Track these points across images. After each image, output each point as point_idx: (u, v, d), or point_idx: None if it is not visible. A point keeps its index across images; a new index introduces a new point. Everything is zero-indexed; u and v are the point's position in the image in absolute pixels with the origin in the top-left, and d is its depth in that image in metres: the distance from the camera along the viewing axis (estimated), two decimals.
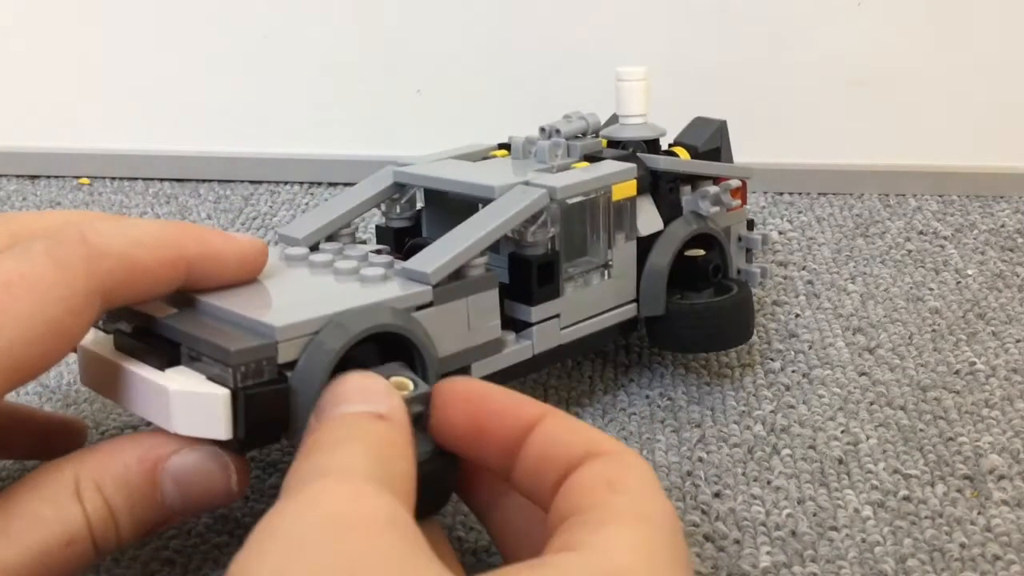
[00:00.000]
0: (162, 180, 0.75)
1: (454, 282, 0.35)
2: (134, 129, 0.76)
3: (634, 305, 0.43)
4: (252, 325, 0.30)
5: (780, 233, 0.64)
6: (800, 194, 0.71)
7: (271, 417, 0.29)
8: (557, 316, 0.39)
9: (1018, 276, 0.57)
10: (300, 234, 0.39)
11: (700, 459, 0.40)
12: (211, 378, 0.29)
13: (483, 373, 0.36)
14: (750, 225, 0.48)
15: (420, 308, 0.33)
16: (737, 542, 0.35)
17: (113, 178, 0.76)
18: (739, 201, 0.46)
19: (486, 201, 0.38)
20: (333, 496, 0.24)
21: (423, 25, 0.73)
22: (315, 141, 0.75)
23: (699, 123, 0.48)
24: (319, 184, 0.75)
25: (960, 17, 0.70)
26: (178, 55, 0.75)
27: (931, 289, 0.56)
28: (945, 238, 0.63)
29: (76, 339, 0.28)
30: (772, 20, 0.71)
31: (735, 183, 0.45)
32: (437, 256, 0.35)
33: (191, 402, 0.29)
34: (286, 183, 0.74)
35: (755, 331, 0.50)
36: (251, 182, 0.75)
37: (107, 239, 0.28)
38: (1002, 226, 0.65)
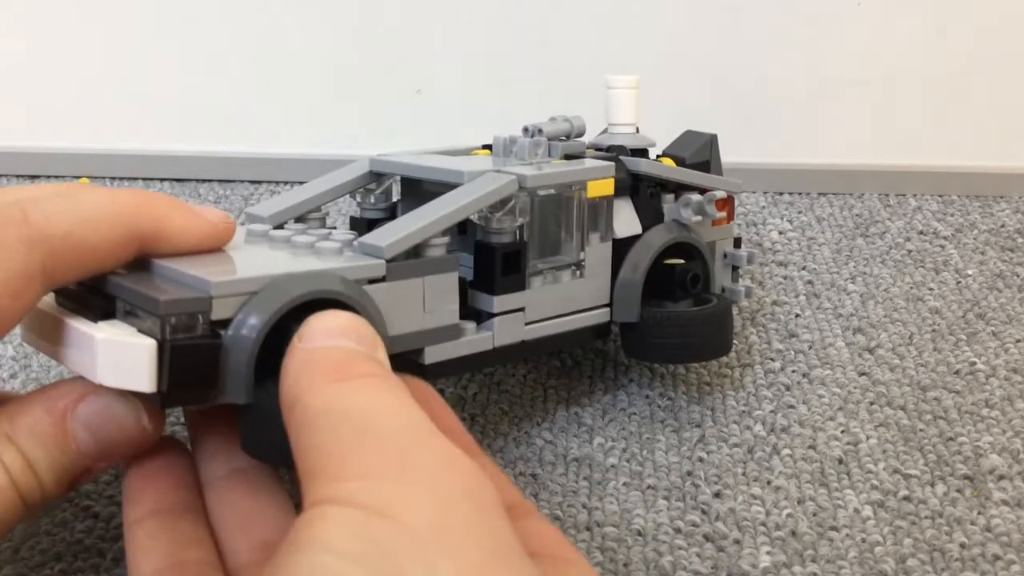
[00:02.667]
0: (162, 180, 0.75)
1: (411, 260, 0.34)
2: (134, 129, 0.76)
3: (607, 310, 0.41)
4: (189, 280, 0.29)
5: (780, 233, 0.64)
6: (800, 194, 0.71)
7: (199, 373, 0.28)
8: (522, 310, 0.38)
9: (1018, 276, 0.57)
10: (266, 213, 0.39)
11: (700, 459, 0.40)
12: (142, 331, 0.28)
13: (438, 359, 0.35)
14: (737, 243, 0.47)
15: (372, 282, 0.32)
16: (737, 542, 0.35)
17: (113, 178, 0.76)
18: (724, 214, 0.45)
19: (456, 187, 0.37)
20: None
21: (423, 25, 0.73)
22: (315, 141, 0.75)
23: (689, 136, 0.47)
24: None
25: (960, 17, 0.70)
26: (178, 55, 0.75)
27: (931, 289, 0.56)
28: (945, 238, 0.63)
29: (13, 321, 0.27)
30: (772, 20, 0.71)
31: (720, 194, 0.43)
32: (394, 231, 0.34)
33: (116, 351, 0.28)
34: (286, 183, 0.74)
35: (732, 338, 0.49)
36: (251, 182, 0.75)
37: (51, 218, 0.28)
38: (1002, 226, 0.65)
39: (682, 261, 0.43)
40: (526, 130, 0.42)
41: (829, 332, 0.51)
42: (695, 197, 0.43)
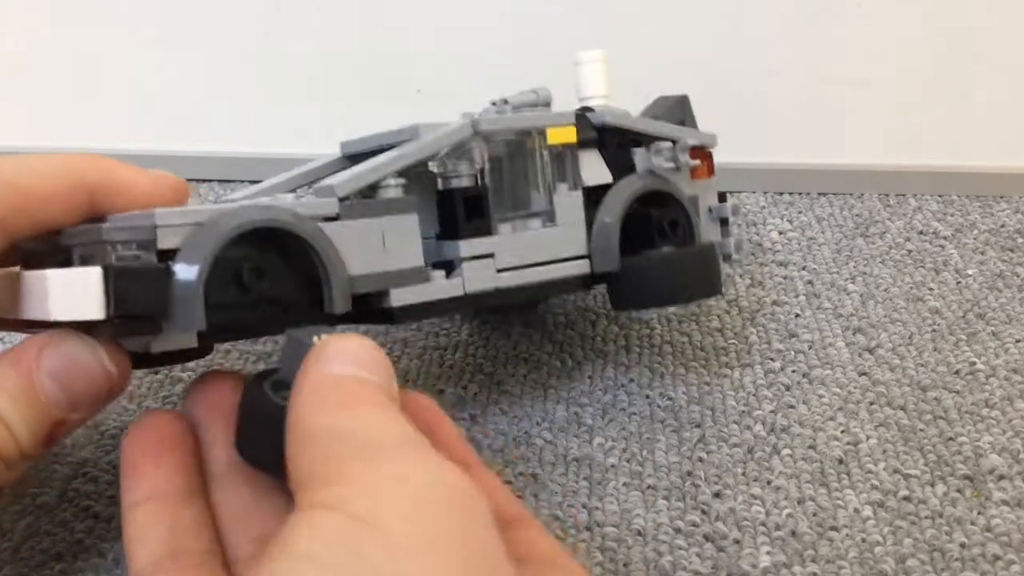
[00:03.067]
0: None
1: (366, 199, 0.34)
2: (134, 129, 0.76)
3: (586, 261, 0.41)
4: (135, 215, 0.30)
5: (780, 233, 0.64)
6: (800, 194, 0.71)
7: (146, 299, 0.29)
8: (491, 256, 0.38)
9: (1018, 276, 0.57)
10: (239, 197, 0.40)
11: (700, 459, 0.40)
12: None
13: (405, 302, 0.35)
14: (722, 198, 0.46)
15: (327, 221, 0.33)
16: (737, 542, 0.35)
17: None
18: (699, 163, 0.44)
19: None
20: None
21: (423, 25, 0.73)
22: (315, 141, 0.75)
23: (661, 100, 0.47)
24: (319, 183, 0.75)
25: (960, 17, 0.70)
26: (178, 55, 0.75)
27: (931, 289, 0.56)
28: (945, 238, 0.63)
29: None
30: (772, 20, 0.71)
31: (692, 141, 0.43)
32: (347, 173, 0.34)
33: (66, 284, 0.28)
34: None
35: (721, 280, 0.46)
36: (251, 182, 0.75)
37: (1, 171, 0.29)
38: (1002, 226, 0.65)
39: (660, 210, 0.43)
40: (493, 103, 0.42)
41: (829, 332, 0.51)
42: (666, 144, 0.42)
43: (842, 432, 0.42)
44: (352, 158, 0.43)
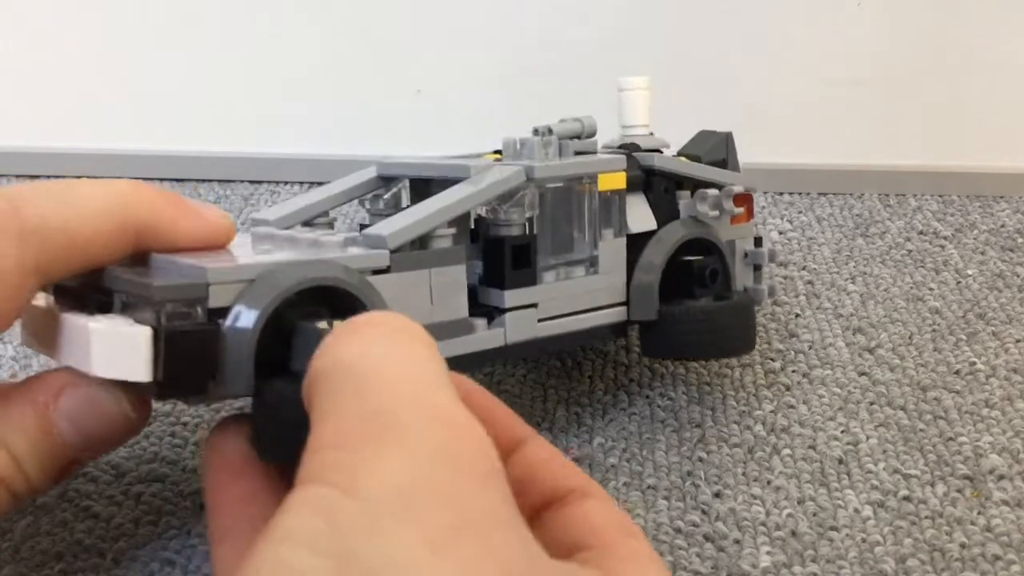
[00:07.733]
0: (162, 180, 0.75)
1: (416, 251, 0.34)
2: (134, 129, 0.76)
3: (624, 308, 0.41)
4: (185, 268, 0.29)
5: (780, 233, 0.64)
6: (800, 194, 0.71)
7: (197, 362, 0.28)
8: (534, 306, 0.37)
9: (1018, 276, 0.57)
10: (272, 217, 0.39)
11: (700, 459, 0.40)
12: (139, 321, 0.28)
13: (447, 355, 0.34)
14: (758, 242, 0.46)
15: (377, 274, 0.32)
16: (737, 542, 0.35)
17: (113, 178, 0.76)
18: (742, 210, 0.44)
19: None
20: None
21: (423, 25, 0.73)
22: (315, 141, 0.75)
23: (704, 135, 0.47)
24: (319, 184, 0.74)
25: (960, 17, 0.70)
26: (178, 55, 0.75)
27: (931, 289, 0.56)
28: (945, 238, 0.63)
29: (10, 318, 0.27)
30: (772, 20, 0.71)
31: (738, 189, 0.43)
32: (398, 222, 0.34)
33: (111, 341, 0.27)
34: (286, 183, 0.74)
35: (756, 336, 0.48)
36: (251, 182, 0.75)
37: (44, 213, 0.27)
38: (1002, 226, 0.65)
39: (700, 258, 0.42)
40: (536, 131, 0.42)
41: (829, 332, 0.51)
42: (712, 192, 0.42)
43: (842, 432, 0.42)
44: (387, 180, 0.43)
